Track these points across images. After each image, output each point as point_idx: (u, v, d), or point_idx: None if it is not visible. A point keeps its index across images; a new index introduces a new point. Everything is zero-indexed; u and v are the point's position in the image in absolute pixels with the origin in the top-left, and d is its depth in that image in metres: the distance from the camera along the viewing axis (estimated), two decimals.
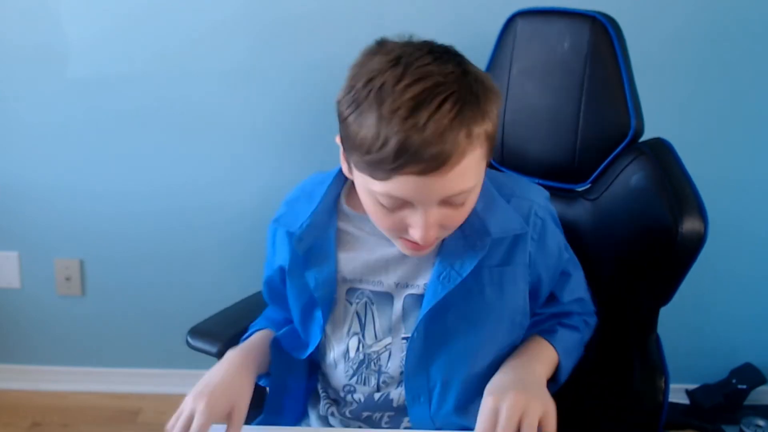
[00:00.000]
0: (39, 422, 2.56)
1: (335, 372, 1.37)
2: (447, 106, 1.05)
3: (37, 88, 2.41)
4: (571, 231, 1.55)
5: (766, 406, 2.52)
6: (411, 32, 1.18)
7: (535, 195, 1.35)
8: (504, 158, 1.65)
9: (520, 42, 1.62)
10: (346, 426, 1.38)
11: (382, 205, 1.15)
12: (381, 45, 1.16)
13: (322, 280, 1.31)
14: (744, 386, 2.47)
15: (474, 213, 1.24)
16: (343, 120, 1.13)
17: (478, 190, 1.19)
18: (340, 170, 1.33)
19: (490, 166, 1.30)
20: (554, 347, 1.35)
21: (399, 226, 1.17)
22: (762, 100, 2.29)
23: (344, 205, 1.34)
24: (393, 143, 1.04)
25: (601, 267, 1.51)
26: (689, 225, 1.34)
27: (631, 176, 1.45)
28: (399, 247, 1.24)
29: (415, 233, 1.14)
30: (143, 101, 2.40)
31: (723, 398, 2.47)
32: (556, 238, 1.36)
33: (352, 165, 1.17)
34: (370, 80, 1.09)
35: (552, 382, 1.32)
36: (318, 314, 1.33)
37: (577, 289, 1.42)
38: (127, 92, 2.39)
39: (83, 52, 2.37)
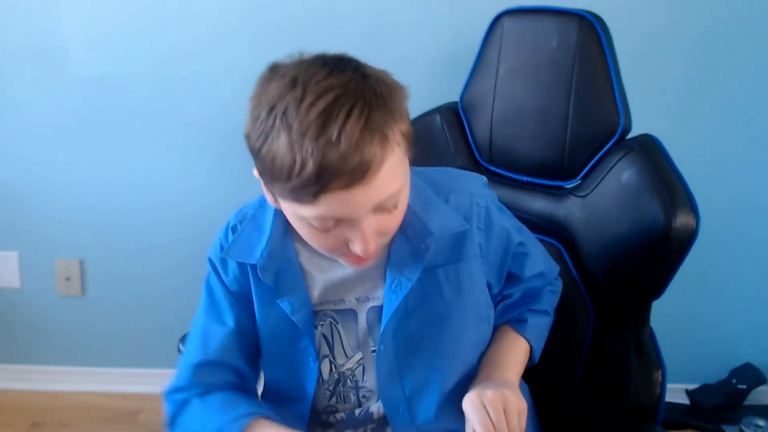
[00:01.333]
0: (39, 422, 2.56)
1: (314, 397, 1.35)
2: (355, 114, 1.02)
3: (37, 88, 2.42)
4: (561, 227, 1.56)
5: (766, 406, 2.51)
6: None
7: (473, 186, 1.33)
8: (492, 157, 1.65)
9: (507, 41, 1.62)
10: None
11: (315, 228, 1.12)
12: (274, 70, 1.15)
13: (298, 305, 1.27)
14: (744, 386, 2.47)
15: (414, 215, 1.24)
16: (256, 153, 1.11)
17: (407, 191, 1.16)
18: None
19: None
20: (526, 338, 1.36)
21: (338, 243, 1.14)
22: (748, 96, 2.30)
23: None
24: (311, 165, 1.01)
25: (592, 262, 1.51)
26: (681, 220, 1.35)
27: (622, 173, 1.46)
28: (343, 263, 1.22)
29: (356, 247, 1.12)
30: (143, 101, 2.41)
31: (723, 398, 2.46)
32: (501, 222, 1.34)
33: (276, 195, 1.14)
34: (272, 108, 1.07)
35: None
36: (304, 343, 1.29)
37: (536, 264, 1.42)
38: (127, 92, 2.40)
39: (84, 52, 2.38)
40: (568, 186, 1.58)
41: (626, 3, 2.18)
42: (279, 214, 1.26)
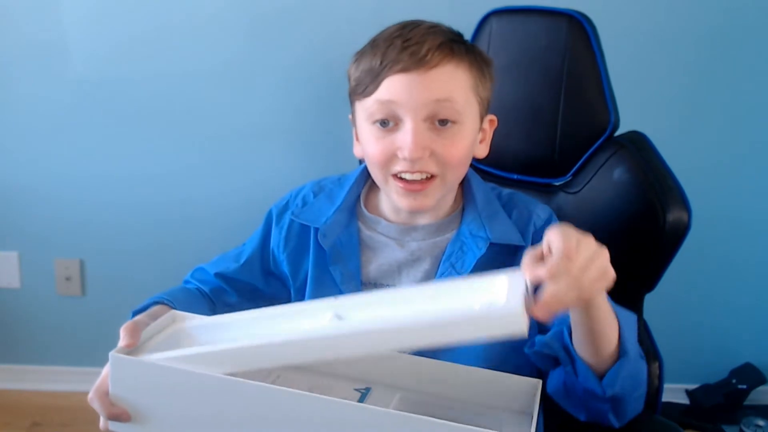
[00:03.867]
0: (39, 422, 2.57)
1: None
2: (428, 24, 1.23)
3: (37, 88, 2.43)
4: None
5: (766, 406, 2.50)
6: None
7: (537, 209, 1.36)
8: None
9: (495, 41, 1.62)
10: None
11: (376, 127, 1.23)
12: None
13: (348, 275, 1.32)
14: (744, 386, 2.46)
15: (479, 218, 1.31)
16: (350, 80, 1.27)
17: (467, 128, 1.25)
18: (361, 173, 1.38)
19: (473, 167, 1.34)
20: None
21: (390, 151, 1.22)
22: (748, 98, 2.32)
23: (363, 207, 1.38)
24: (381, 50, 1.20)
25: None
26: (674, 215, 1.37)
27: (613, 169, 1.47)
28: (395, 197, 1.27)
29: (404, 149, 1.19)
30: (144, 101, 2.42)
31: (723, 398, 2.46)
32: None
33: (355, 105, 1.28)
34: (374, 37, 1.25)
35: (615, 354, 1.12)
36: None
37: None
38: (128, 92, 2.41)
39: (84, 52, 2.39)
40: (558, 183, 1.58)
41: (624, 5, 2.19)
42: (352, 190, 1.38)
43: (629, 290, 1.46)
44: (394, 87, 1.19)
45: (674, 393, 2.52)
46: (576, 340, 1.13)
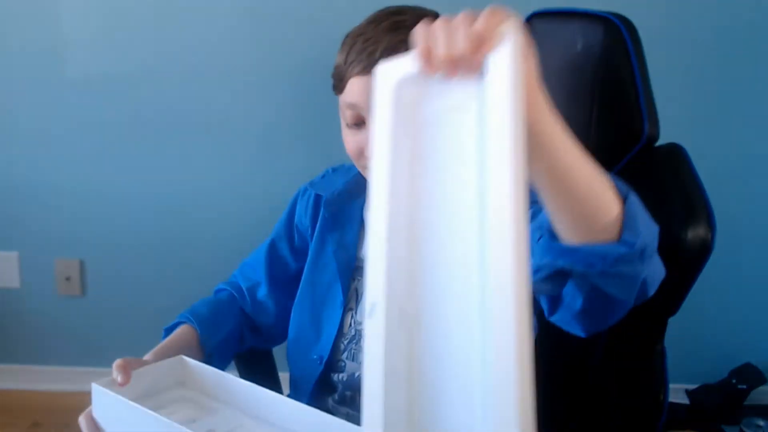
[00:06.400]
0: (39, 422, 2.55)
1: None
2: (393, 21, 1.17)
3: (38, 89, 2.42)
4: None
5: (766, 406, 2.53)
6: None
7: None
8: None
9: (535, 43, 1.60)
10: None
11: (347, 125, 1.23)
12: None
13: (343, 246, 1.36)
14: (744, 386, 2.48)
15: None
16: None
17: None
18: None
19: None
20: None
21: (359, 149, 1.22)
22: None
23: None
24: (348, 47, 1.19)
25: None
26: (696, 233, 1.31)
27: (642, 182, 1.42)
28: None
29: (367, 150, 1.19)
30: (144, 102, 2.41)
31: (723, 398, 2.48)
32: None
33: (340, 102, 1.25)
34: (352, 29, 1.23)
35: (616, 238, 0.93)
36: (337, 286, 1.36)
37: None
38: (127, 93, 2.40)
39: (84, 53, 2.37)
40: None
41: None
42: None
43: (650, 314, 1.42)
44: (356, 89, 1.18)
45: (674, 393, 2.53)
46: (559, 220, 0.92)
